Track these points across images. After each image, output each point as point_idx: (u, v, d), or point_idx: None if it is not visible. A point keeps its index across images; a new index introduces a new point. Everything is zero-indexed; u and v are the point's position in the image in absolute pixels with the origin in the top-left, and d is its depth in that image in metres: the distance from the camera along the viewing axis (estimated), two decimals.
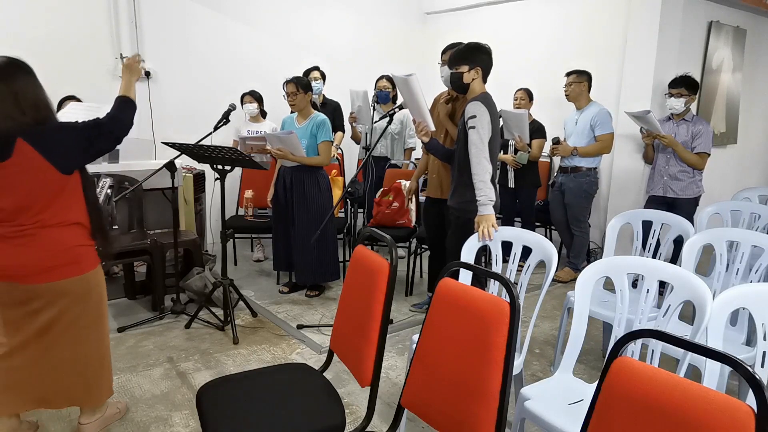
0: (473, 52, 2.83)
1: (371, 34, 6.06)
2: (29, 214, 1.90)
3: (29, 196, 1.89)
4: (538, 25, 5.40)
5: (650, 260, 2.05)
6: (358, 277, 1.86)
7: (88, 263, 2.05)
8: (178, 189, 3.45)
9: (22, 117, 1.85)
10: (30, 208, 1.90)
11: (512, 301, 1.37)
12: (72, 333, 2.05)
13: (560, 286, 4.35)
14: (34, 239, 1.92)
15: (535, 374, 2.92)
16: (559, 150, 4.26)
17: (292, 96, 3.62)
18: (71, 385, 2.11)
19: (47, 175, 1.90)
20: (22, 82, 1.86)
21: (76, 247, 2.00)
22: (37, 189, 1.89)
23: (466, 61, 2.82)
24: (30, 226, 1.91)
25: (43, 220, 1.92)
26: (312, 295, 3.87)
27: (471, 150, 2.74)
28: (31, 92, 1.88)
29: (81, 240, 2.02)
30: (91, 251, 2.07)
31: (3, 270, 1.93)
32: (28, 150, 1.85)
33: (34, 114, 1.88)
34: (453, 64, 2.86)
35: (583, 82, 4.24)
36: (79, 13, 4.35)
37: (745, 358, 2.15)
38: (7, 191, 1.87)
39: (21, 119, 1.85)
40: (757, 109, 5.91)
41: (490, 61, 2.86)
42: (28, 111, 1.87)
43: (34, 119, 1.88)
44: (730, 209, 3.26)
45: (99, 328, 2.14)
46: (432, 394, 1.54)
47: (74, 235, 2.00)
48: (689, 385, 1.08)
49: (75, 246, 1.99)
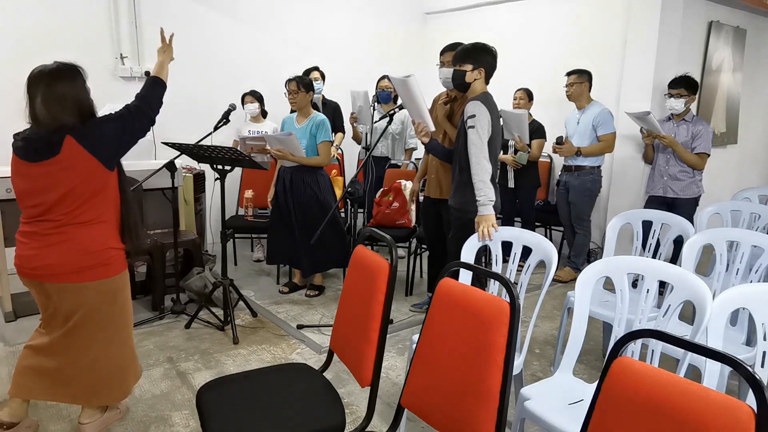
0: (479, 52, 2.82)
1: (371, 34, 6.05)
2: (65, 210, 1.96)
3: (73, 191, 1.95)
4: (538, 25, 5.40)
5: (650, 260, 2.05)
6: (358, 277, 1.86)
7: (117, 267, 2.09)
8: (178, 189, 3.45)
9: (67, 117, 1.94)
10: (68, 203, 1.95)
11: (512, 301, 1.37)
12: (96, 334, 2.10)
13: (560, 286, 4.35)
14: (66, 237, 1.97)
15: (535, 374, 2.92)
16: (563, 150, 4.26)
17: (293, 94, 3.62)
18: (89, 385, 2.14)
19: (93, 171, 1.97)
20: (65, 84, 1.96)
21: (107, 250, 2.04)
22: (82, 185, 1.96)
23: (470, 60, 2.82)
24: (62, 222, 1.96)
25: (77, 216, 1.97)
26: (312, 295, 3.87)
27: (470, 150, 2.73)
28: (74, 94, 1.97)
29: (112, 242, 2.07)
30: (121, 255, 2.12)
31: (35, 269, 1.99)
32: (76, 147, 1.93)
33: (77, 114, 1.97)
34: (457, 62, 2.85)
35: (584, 82, 4.25)
36: (79, 13, 4.35)
37: (745, 358, 2.15)
38: (54, 187, 1.94)
39: (67, 119, 1.93)
40: (757, 109, 5.91)
41: (494, 64, 2.86)
42: (72, 111, 1.95)
43: (78, 119, 1.97)
44: (730, 209, 3.26)
45: (123, 331, 2.19)
46: (432, 394, 1.54)
47: (106, 236, 2.05)
48: (689, 385, 1.08)
49: (106, 249, 2.04)
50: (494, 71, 2.88)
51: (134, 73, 4.61)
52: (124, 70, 4.56)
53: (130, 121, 2.08)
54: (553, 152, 4.42)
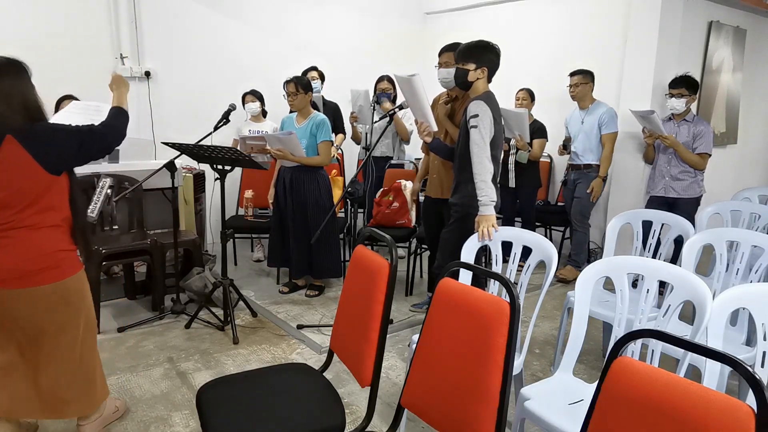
0: (482, 50, 2.80)
1: (371, 34, 6.05)
2: (10, 213, 1.87)
3: (13, 193, 1.86)
4: (538, 25, 5.40)
5: (650, 260, 2.05)
6: (358, 277, 1.86)
7: (69, 268, 2.00)
8: (178, 189, 3.45)
9: (12, 115, 1.86)
10: (12, 205, 1.87)
11: (512, 301, 1.37)
12: (56, 341, 2.00)
13: (560, 286, 4.35)
14: (12, 241, 1.88)
15: (535, 374, 2.92)
16: (595, 192, 4.28)
17: (292, 96, 3.62)
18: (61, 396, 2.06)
19: (33, 174, 1.88)
20: (10, 81, 1.86)
21: (57, 252, 1.95)
22: (22, 187, 1.87)
23: (473, 59, 2.79)
24: (9, 226, 1.87)
25: (23, 219, 1.88)
26: (312, 295, 3.87)
27: (472, 149, 2.71)
28: (20, 92, 1.88)
29: (62, 244, 1.98)
30: (73, 256, 2.03)
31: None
32: (17, 147, 1.85)
33: (23, 113, 1.88)
34: (459, 60, 2.83)
35: (588, 83, 4.28)
36: (79, 13, 4.35)
37: (745, 358, 2.15)
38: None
39: (11, 117, 1.85)
40: (757, 109, 5.91)
41: (497, 62, 2.84)
42: (17, 110, 1.87)
43: (25, 118, 1.89)
44: (730, 209, 3.26)
45: (86, 335, 2.09)
46: (432, 394, 1.54)
47: (55, 239, 1.96)
48: (689, 385, 1.08)
49: (55, 251, 1.95)
50: (497, 69, 2.86)
51: (134, 73, 4.61)
52: (124, 70, 4.56)
53: (90, 140, 2.00)
54: (559, 155, 4.44)
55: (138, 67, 4.64)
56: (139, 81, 4.66)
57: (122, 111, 2.20)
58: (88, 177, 3.47)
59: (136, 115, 4.69)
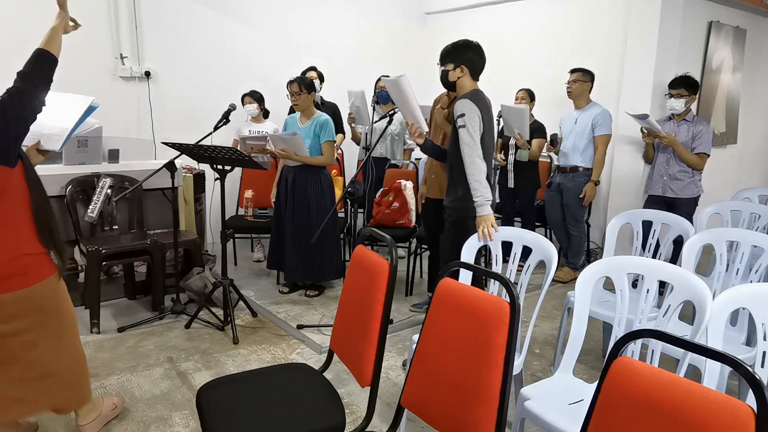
0: (458, 50, 2.80)
1: (371, 34, 6.05)
2: None
3: None
4: (538, 25, 5.40)
5: (650, 260, 2.05)
6: (358, 277, 1.86)
7: (37, 274, 1.85)
8: (178, 189, 3.45)
9: None
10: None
11: (512, 301, 1.37)
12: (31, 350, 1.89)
13: (560, 286, 4.34)
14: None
15: (535, 374, 2.92)
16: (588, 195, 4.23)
17: (296, 96, 3.63)
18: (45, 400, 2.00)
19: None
20: None
21: (21, 258, 1.80)
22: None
23: (449, 59, 2.81)
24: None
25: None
26: (312, 295, 3.87)
27: (463, 149, 2.68)
28: None
29: (27, 248, 1.83)
30: (41, 259, 1.88)
31: None
32: None
33: None
34: (440, 62, 2.86)
35: (587, 82, 4.25)
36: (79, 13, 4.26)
37: (745, 358, 2.15)
38: None
39: None
40: (757, 109, 5.91)
41: (478, 59, 2.81)
42: None
43: None
44: (730, 209, 3.26)
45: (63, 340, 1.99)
46: (432, 394, 1.54)
47: (19, 243, 1.81)
48: (689, 385, 1.08)
49: (20, 256, 1.80)
50: (481, 66, 2.84)
51: (134, 73, 4.62)
52: (124, 70, 4.57)
53: (11, 109, 1.77)
54: (547, 151, 4.42)
55: (138, 67, 4.64)
56: (139, 81, 4.66)
57: (43, 53, 1.91)
58: (88, 177, 3.47)
59: (136, 115, 4.72)
